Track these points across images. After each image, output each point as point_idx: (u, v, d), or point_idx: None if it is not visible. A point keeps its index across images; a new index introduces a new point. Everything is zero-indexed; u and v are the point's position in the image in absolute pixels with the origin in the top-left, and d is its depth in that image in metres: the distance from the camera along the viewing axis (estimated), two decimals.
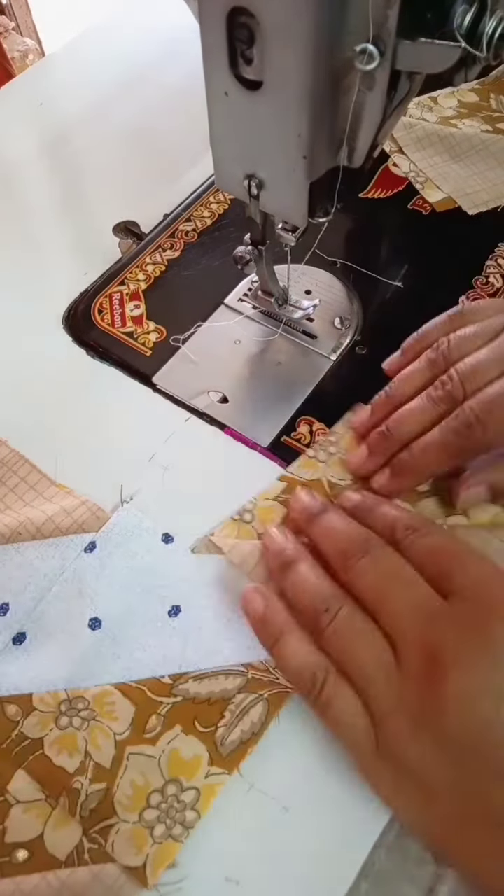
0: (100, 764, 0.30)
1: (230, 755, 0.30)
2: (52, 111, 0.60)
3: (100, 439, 0.40)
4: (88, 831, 0.29)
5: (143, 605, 0.34)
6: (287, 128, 0.30)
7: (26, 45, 1.58)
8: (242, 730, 0.31)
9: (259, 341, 0.44)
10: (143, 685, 0.32)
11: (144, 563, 0.35)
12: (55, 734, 0.31)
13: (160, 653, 0.32)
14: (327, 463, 0.38)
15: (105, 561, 0.35)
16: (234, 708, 0.31)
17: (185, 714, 0.31)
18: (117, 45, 0.65)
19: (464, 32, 0.25)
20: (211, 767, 0.30)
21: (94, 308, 0.45)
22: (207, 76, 0.31)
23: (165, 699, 0.31)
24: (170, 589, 0.34)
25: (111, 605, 0.34)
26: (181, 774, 0.30)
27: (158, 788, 0.29)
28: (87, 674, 0.32)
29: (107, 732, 0.31)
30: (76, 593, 0.34)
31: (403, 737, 0.27)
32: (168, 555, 0.35)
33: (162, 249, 0.48)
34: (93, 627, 0.33)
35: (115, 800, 0.29)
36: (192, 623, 0.33)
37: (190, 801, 0.29)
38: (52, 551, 0.35)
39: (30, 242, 0.51)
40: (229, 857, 0.29)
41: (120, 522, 0.36)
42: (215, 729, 0.31)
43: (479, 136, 0.53)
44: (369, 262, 0.47)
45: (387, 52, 0.26)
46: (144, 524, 0.36)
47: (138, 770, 0.30)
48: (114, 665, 0.32)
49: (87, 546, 0.35)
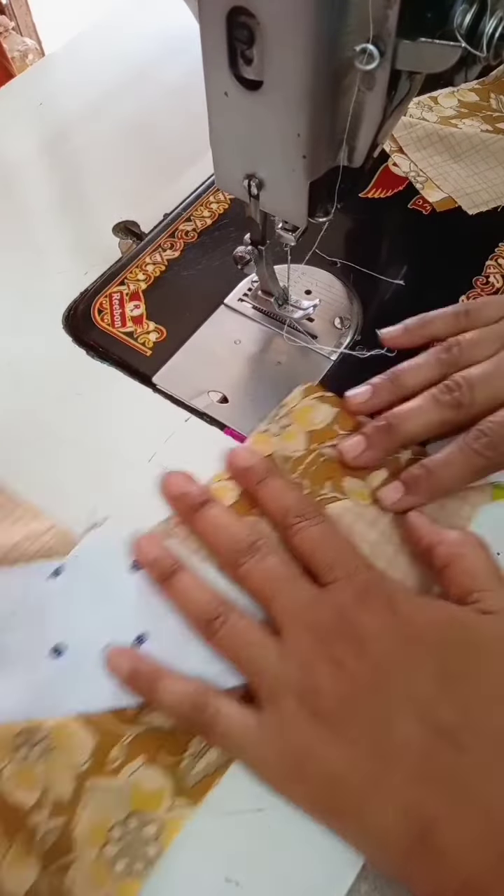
0: (59, 798, 0.29)
1: (196, 786, 0.29)
2: (51, 111, 0.60)
3: (100, 439, 0.40)
4: (46, 869, 0.28)
5: (109, 633, 0.32)
6: (287, 127, 0.30)
7: (26, 44, 1.58)
8: (209, 761, 0.29)
9: (259, 341, 0.44)
10: (106, 715, 0.30)
11: (111, 590, 0.34)
12: (11, 769, 0.29)
13: None
14: (281, 436, 0.38)
15: (70, 587, 0.34)
16: (199, 738, 0.30)
17: (148, 744, 0.30)
18: (117, 45, 0.65)
19: (464, 32, 0.25)
20: (175, 799, 0.29)
21: (94, 308, 0.45)
22: (207, 76, 0.31)
23: (129, 728, 0.30)
24: (136, 617, 0.33)
25: (75, 632, 0.33)
26: (144, 807, 0.29)
27: (120, 822, 0.28)
28: (49, 704, 0.31)
29: (66, 765, 0.29)
30: (39, 620, 0.33)
31: (288, 713, 0.29)
32: (135, 581, 0.34)
33: (162, 249, 0.48)
34: (55, 656, 0.32)
35: (75, 835, 0.28)
36: (159, 651, 0.32)
37: (152, 836, 0.28)
38: (16, 579, 0.34)
39: (29, 242, 0.51)
40: (229, 857, 0.29)
41: (88, 547, 0.35)
42: (180, 760, 0.29)
43: (480, 135, 0.53)
44: (369, 262, 0.47)
45: (387, 51, 0.26)
46: (113, 549, 0.35)
47: (99, 803, 0.29)
48: (76, 694, 0.31)
49: (53, 572, 0.34)
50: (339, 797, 0.28)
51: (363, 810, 0.28)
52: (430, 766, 0.27)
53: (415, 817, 0.27)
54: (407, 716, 0.28)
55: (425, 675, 0.28)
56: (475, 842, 0.26)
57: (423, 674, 0.28)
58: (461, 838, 0.26)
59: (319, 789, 0.28)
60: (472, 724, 0.27)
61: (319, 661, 0.29)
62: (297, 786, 0.29)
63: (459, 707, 0.28)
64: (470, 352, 0.36)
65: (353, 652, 0.29)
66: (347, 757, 0.28)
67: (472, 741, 0.27)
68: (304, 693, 0.29)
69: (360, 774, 0.28)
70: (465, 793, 0.27)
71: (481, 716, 0.28)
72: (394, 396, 0.37)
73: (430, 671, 0.28)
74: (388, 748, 0.28)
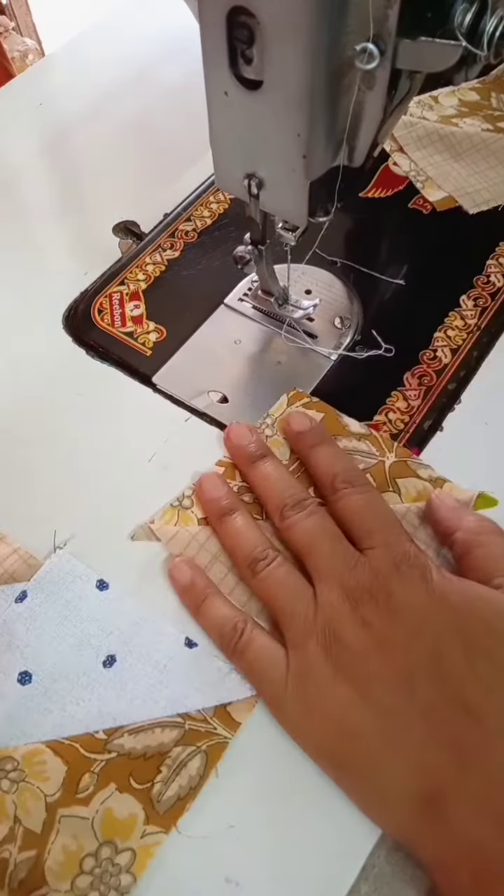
0: (30, 829, 0.28)
1: (167, 812, 0.29)
2: (52, 111, 0.60)
3: (99, 439, 0.40)
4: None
5: (77, 656, 0.32)
6: (287, 127, 0.30)
7: (26, 44, 1.58)
8: (180, 784, 0.29)
9: (259, 341, 0.44)
10: (76, 742, 0.30)
11: (77, 612, 0.33)
12: None
13: (95, 706, 0.31)
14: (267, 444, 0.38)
15: (36, 611, 0.33)
16: (170, 762, 0.30)
17: (119, 771, 0.30)
18: (117, 45, 0.65)
19: (464, 31, 0.25)
20: (147, 826, 0.28)
21: (94, 308, 0.45)
22: (207, 76, 0.30)
23: (99, 756, 0.30)
24: (104, 638, 0.33)
25: (42, 657, 0.32)
26: (116, 836, 0.28)
27: (92, 852, 0.28)
28: (17, 731, 0.30)
29: (37, 794, 0.29)
30: (5, 646, 0.32)
31: (314, 657, 0.30)
32: (102, 602, 0.34)
33: (162, 249, 0.48)
34: (22, 682, 0.31)
35: (46, 867, 0.28)
36: (128, 673, 0.32)
37: (125, 864, 0.28)
38: None
39: (29, 242, 0.51)
40: (229, 858, 0.29)
41: (52, 570, 0.34)
42: (151, 785, 0.29)
43: (480, 134, 0.52)
44: (370, 262, 0.47)
45: (387, 50, 0.26)
46: (78, 570, 0.34)
47: (70, 833, 0.28)
48: (45, 721, 0.31)
49: (18, 596, 0.34)
50: (353, 752, 0.29)
51: (375, 768, 0.28)
52: (448, 733, 0.28)
53: (426, 781, 0.27)
54: (430, 683, 0.28)
55: (452, 648, 0.29)
56: (483, 812, 0.26)
57: (450, 646, 0.29)
58: (469, 807, 0.27)
59: (333, 741, 0.29)
60: (494, 701, 0.28)
61: (348, 618, 0.30)
62: (311, 735, 0.30)
63: (483, 684, 0.28)
64: None
65: (383, 615, 0.30)
66: (366, 713, 0.29)
67: (491, 715, 0.28)
68: (329, 644, 0.30)
69: (376, 732, 0.28)
70: (478, 763, 0.27)
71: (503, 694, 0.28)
72: None
73: (458, 645, 0.29)
74: (408, 710, 0.28)
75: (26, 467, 0.39)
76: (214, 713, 0.31)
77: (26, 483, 0.39)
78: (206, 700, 0.31)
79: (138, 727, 0.31)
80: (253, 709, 0.31)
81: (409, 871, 0.28)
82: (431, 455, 0.38)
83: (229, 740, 0.30)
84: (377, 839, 0.29)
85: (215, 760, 0.30)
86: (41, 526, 0.36)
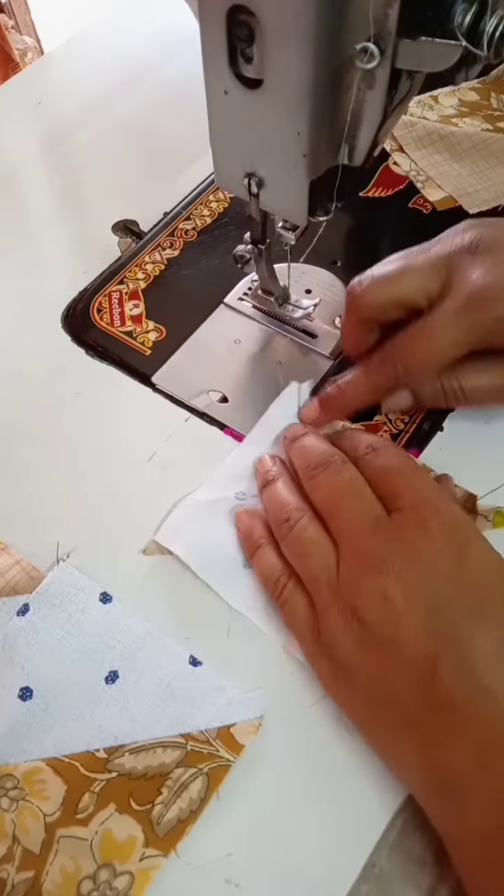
0: (28, 849, 0.28)
1: (167, 835, 0.28)
2: (51, 110, 0.60)
3: (99, 439, 0.40)
4: None
5: (79, 672, 0.32)
6: (287, 126, 0.30)
7: (25, 43, 1.57)
8: (181, 807, 0.29)
9: (259, 341, 0.44)
10: (76, 760, 0.30)
11: (80, 626, 0.33)
12: None
13: (96, 723, 0.30)
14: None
15: (38, 624, 0.33)
16: (171, 784, 0.29)
17: (119, 791, 0.29)
18: (116, 44, 0.65)
19: (464, 31, 0.25)
20: (146, 849, 0.28)
21: (94, 307, 0.45)
22: (207, 74, 0.30)
23: (99, 775, 0.29)
24: (107, 653, 0.32)
25: (44, 672, 0.32)
26: (114, 858, 0.28)
27: (90, 875, 0.27)
28: (17, 748, 0.30)
29: (36, 814, 0.29)
30: (6, 661, 0.32)
31: (336, 628, 0.30)
32: (105, 616, 0.33)
33: (161, 248, 0.48)
34: (23, 698, 0.31)
35: (44, 889, 0.27)
36: (131, 690, 0.31)
37: (123, 888, 0.27)
38: None
39: (28, 241, 0.50)
40: (229, 859, 0.28)
41: (55, 582, 0.34)
42: (152, 807, 0.29)
43: (480, 134, 0.52)
44: (370, 262, 0.46)
45: (387, 50, 0.26)
46: (81, 583, 0.34)
47: (69, 855, 0.28)
48: (46, 738, 0.30)
49: (20, 609, 0.33)
50: (376, 721, 0.29)
51: (393, 742, 0.29)
52: (467, 717, 0.27)
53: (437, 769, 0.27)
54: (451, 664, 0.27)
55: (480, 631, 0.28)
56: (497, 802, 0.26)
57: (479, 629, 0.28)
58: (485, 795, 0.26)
59: (362, 706, 0.30)
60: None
61: (369, 591, 0.29)
62: (342, 695, 0.30)
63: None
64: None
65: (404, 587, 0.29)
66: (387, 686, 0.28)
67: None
68: (349, 619, 0.29)
69: (394, 710, 0.28)
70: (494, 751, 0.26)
71: None
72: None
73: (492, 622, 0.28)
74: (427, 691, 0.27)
75: (25, 467, 0.39)
76: (217, 735, 0.30)
77: (25, 483, 0.39)
78: (209, 721, 0.30)
79: (139, 746, 0.30)
80: (257, 731, 0.30)
81: (409, 871, 0.28)
82: (431, 455, 0.38)
83: (232, 763, 0.30)
84: (378, 838, 0.28)
85: (217, 783, 0.29)
86: (40, 526, 0.36)
